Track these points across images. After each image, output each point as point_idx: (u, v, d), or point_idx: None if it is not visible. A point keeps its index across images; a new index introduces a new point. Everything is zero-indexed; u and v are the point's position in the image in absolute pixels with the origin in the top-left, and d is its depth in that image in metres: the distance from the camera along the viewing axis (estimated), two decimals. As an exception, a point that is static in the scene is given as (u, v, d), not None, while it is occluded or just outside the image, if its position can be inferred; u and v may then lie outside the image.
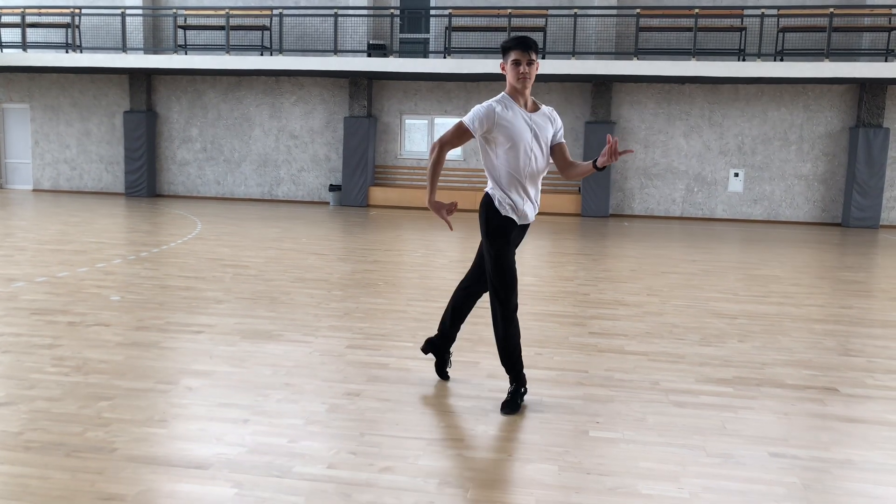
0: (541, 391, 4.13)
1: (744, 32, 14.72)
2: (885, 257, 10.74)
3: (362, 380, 4.25)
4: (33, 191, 18.32)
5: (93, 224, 11.67)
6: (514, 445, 3.36)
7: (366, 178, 16.48)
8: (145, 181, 17.51)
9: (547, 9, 15.07)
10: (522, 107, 3.75)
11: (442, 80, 16.29)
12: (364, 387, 4.13)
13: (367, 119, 16.46)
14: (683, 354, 5.01)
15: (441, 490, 2.91)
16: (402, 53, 16.65)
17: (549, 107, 3.90)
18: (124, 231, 11.12)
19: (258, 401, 3.84)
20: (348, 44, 16.27)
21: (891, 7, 14.05)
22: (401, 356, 4.68)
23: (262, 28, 16.12)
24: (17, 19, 17.07)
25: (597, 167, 3.64)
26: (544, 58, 15.12)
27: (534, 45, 3.69)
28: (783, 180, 15.71)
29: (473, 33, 15.80)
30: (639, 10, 14.68)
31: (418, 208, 16.05)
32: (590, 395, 4.10)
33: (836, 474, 3.18)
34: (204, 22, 16.73)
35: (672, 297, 7.06)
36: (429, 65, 15.27)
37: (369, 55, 15.85)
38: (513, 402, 3.82)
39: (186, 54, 16.35)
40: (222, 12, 15.94)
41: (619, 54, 15.43)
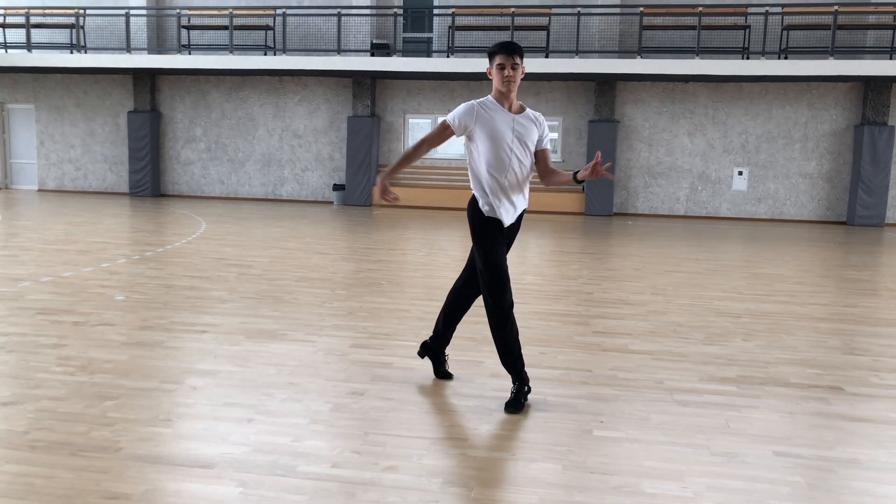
0: (544, 390, 4.13)
1: (748, 30, 14.68)
2: (890, 256, 10.71)
3: (366, 379, 4.25)
4: (38, 191, 18.38)
5: (97, 224, 11.70)
6: (518, 444, 3.36)
7: (369, 177, 16.49)
8: (149, 181, 17.55)
9: (550, 7, 15.05)
10: (507, 109, 3.80)
11: (445, 79, 16.29)
12: (368, 386, 4.13)
13: (370, 118, 16.47)
14: (687, 353, 5.00)
15: (445, 489, 2.91)
16: (406, 53, 16.64)
17: (537, 112, 3.94)
18: (129, 231, 11.14)
19: (262, 400, 3.85)
20: (352, 43, 16.29)
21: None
22: (404, 355, 4.68)
23: (266, 28, 16.13)
24: (21, 20, 17.13)
25: (577, 180, 3.71)
26: (547, 56, 15.11)
27: (518, 50, 3.75)
28: (787, 179, 15.67)
29: (477, 32, 15.78)
30: (642, 9, 14.66)
31: (422, 207, 16.05)
32: (594, 394, 4.10)
33: (841, 473, 3.18)
34: (207, 22, 16.76)
35: (676, 295, 7.05)
36: (432, 64, 15.28)
37: (373, 54, 15.86)
38: (516, 401, 3.82)
39: (190, 54, 16.39)
40: (226, 12, 15.96)
41: (623, 53, 15.41)
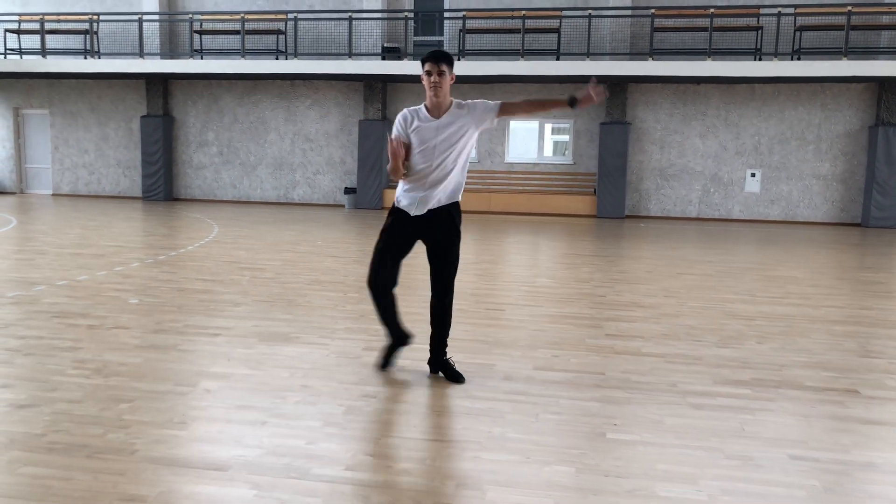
0: (557, 393, 4.12)
1: (760, 31, 14.61)
2: (905, 257, 10.61)
3: (379, 382, 4.26)
4: (53, 195, 18.55)
5: (111, 228, 11.79)
6: (531, 447, 3.36)
7: (381, 180, 16.52)
8: (162, 185, 17.67)
9: (561, 10, 15.04)
10: (436, 116, 4.12)
11: (456, 82, 16.23)
12: (381, 389, 4.14)
13: (381, 122, 16.51)
14: (701, 356, 4.98)
15: (458, 492, 2.91)
16: (417, 56, 16.65)
17: (465, 101, 4.21)
18: (142, 235, 11.22)
19: (276, 403, 3.87)
20: (363, 47, 16.35)
21: (910, 4, 13.91)
22: (417, 358, 4.69)
23: (277, 32, 16.22)
24: (36, 26, 17.30)
25: (572, 105, 3.94)
26: (558, 59, 15.10)
27: (445, 58, 4.04)
28: (801, 180, 15.57)
29: (487, 35, 15.80)
30: (654, 11, 14.62)
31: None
32: (607, 396, 4.09)
33: (857, 477, 3.15)
34: (220, 26, 16.87)
35: (689, 298, 7.02)
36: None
37: (384, 58, 15.91)
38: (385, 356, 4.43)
39: (202, 59, 16.50)
40: (238, 17, 16.06)
41: (634, 55, 15.37)
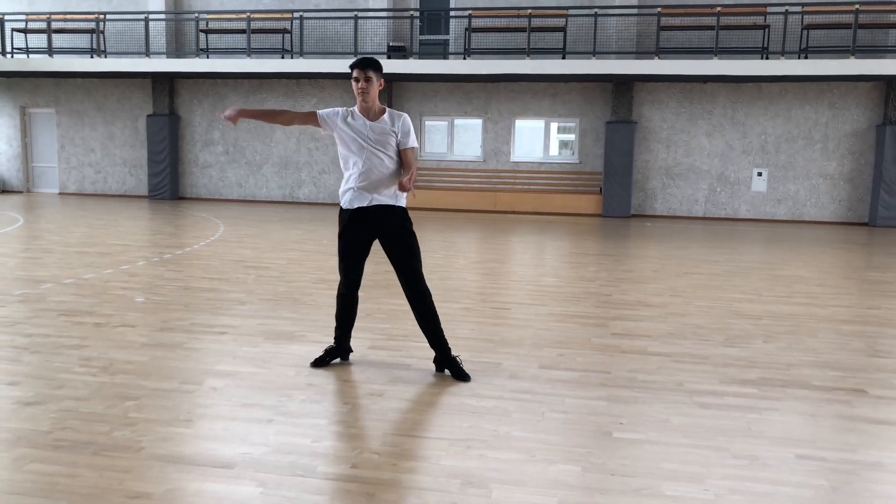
0: (563, 392, 4.11)
1: (767, 30, 14.56)
2: (913, 257, 10.56)
3: (385, 380, 4.26)
4: (59, 194, 18.61)
5: (117, 227, 11.82)
6: (537, 446, 3.35)
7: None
8: (168, 184, 17.71)
9: (567, 9, 15.01)
10: (368, 118, 4.19)
11: (462, 81, 16.30)
12: (386, 387, 4.14)
13: (387, 121, 16.48)
14: (707, 355, 4.96)
15: (464, 490, 2.90)
16: (422, 55, 16.67)
17: (401, 113, 4.25)
18: (148, 233, 11.25)
19: (282, 401, 3.87)
20: (368, 46, 16.34)
21: (918, 3, 13.84)
22: (422, 357, 4.68)
23: (283, 31, 16.23)
24: (43, 25, 17.36)
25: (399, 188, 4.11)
26: (564, 58, 15.07)
27: (371, 65, 4.13)
28: (808, 179, 15.51)
29: (493, 34, 15.78)
30: (660, 9, 14.59)
31: (438, 209, 16.06)
32: (613, 395, 4.08)
33: (865, 477, 3.14)
34: (225, 26, 16.90)
35: (695, 297, 7.00)
36: (448, 66, 15.29)
37: (389, 57, 15.90)
38: (321, 357, 4.51)
39: (208, 58, 16.53)
40: (243, 16, 16.09)
41: (640, 54, 15.34)
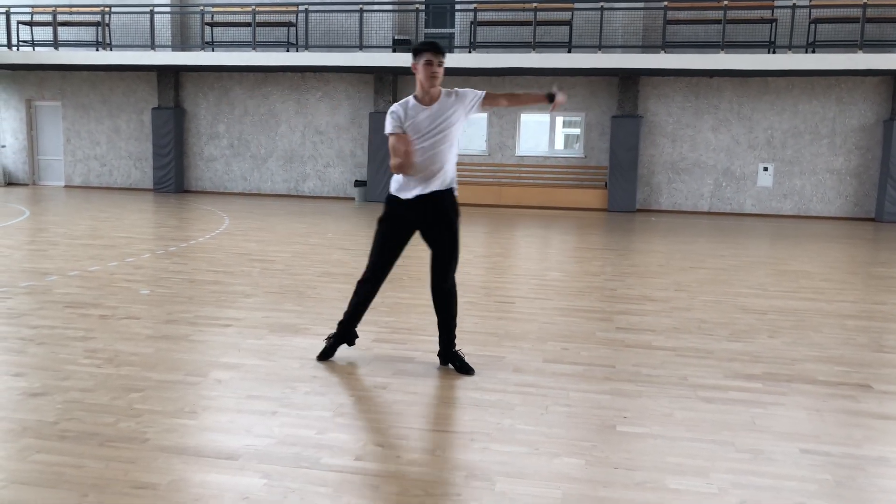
0: (567, 385, 4.11)
1: (774, 24, 14.48)
2: (919, 252, 10.52)
3: (389, 373, 4.27)
4: (65, 187, 18.65)
5: (122, 219, 11.85)
6: (541, 439, 3.35)
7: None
8: (173, 177, 17.73)
9: (573, 2, 14.96)
10: (427, 104, 4.13)
11: (467, 74, 16.25)
12: (390, 380, 4.15)
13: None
14: (712, 350, 4.95)
15: (468, 483, 2.91)
16: (428, 48, 16.61)
17: (452, 89, 4.21)
18: (153, 226, 11.27)
19: (286, 393, 3.88)
20: (373, 39, 16.32)
21: (926, -3, 13.75)
22: (427, 350, 4.69)
23: (288, 24, 16.22)
24: (48, 18, 17.38)
25: (550, 100, 4.23)
26: (570, 51, 15.02)
27: (442, 49, 4.09)
28: (814, 175, 15.45)
29: (499, 28, 15.74)
30: (666, 3, 14.52)
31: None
32: (617, 389, 4.08)
33: (870, 471, 3.13)
34: (231, 19, 16.89)
35: (700, 292, 6.99)
36: (454, 60, 15.24)
37: (394, 50, 15.88)
38: (326, 349, 4.51)
39: (213, 51, 16.52)
40: (249, 9, 16.07)
41: (646, 48, 15.27)
